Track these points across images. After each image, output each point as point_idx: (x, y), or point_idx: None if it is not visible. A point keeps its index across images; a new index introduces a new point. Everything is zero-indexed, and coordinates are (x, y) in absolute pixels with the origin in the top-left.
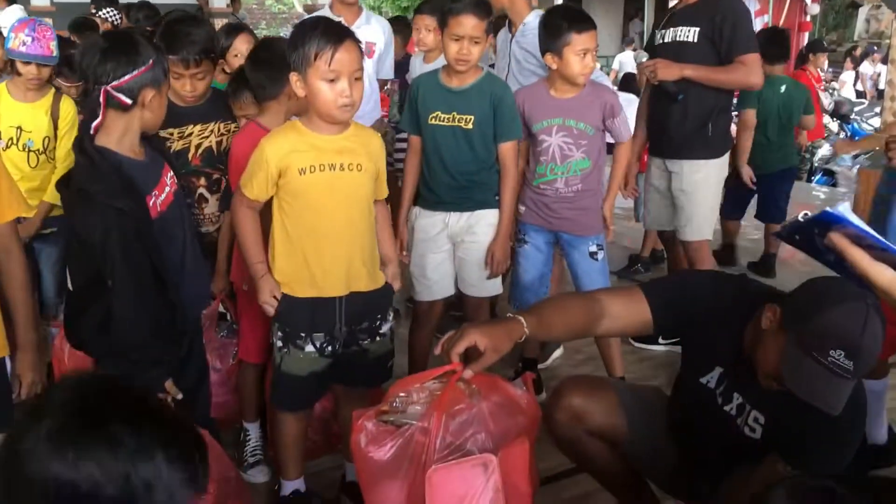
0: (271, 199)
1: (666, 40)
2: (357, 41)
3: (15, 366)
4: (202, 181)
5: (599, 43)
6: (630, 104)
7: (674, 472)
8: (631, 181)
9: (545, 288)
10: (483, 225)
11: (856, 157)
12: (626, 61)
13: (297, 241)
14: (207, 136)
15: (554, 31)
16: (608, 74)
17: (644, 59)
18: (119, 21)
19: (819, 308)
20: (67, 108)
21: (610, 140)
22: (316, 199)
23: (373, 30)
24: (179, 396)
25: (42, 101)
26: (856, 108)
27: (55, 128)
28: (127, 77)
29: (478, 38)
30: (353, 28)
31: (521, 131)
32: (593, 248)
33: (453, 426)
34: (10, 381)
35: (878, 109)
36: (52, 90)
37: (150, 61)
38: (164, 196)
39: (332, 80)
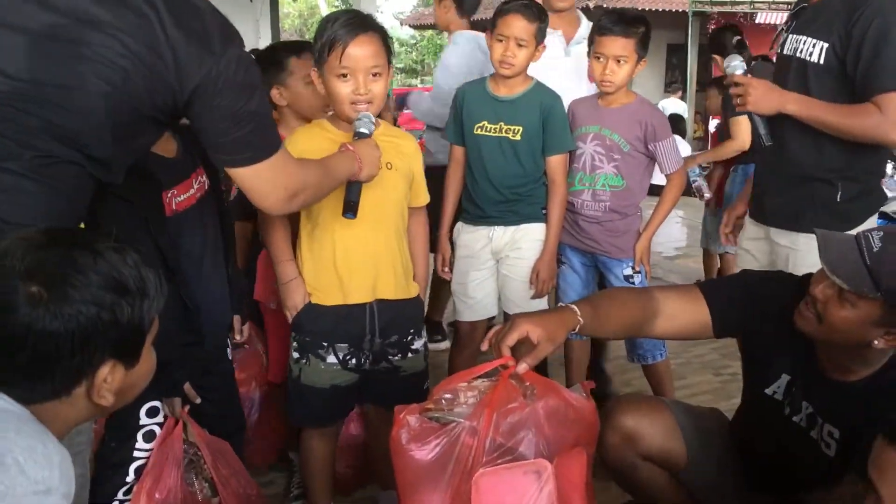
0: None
1: (786, 51)
2: (379, 33)
3: None
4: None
5: (641, 89)
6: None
7: (737, 501)
8: (730, 222)
9: None
10: (529, 240)
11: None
12: (668, 107)
13: (323, 241)
14: None
15: (590, 37)
16: None
17: (738, 64)
18: None
19: None
20: None
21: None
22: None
23: None
24: (198, 401)
25: None
26: None
27: None
28: None
29: (524, 41)
30: (573, 43)
31: (572, 143)
32: (628, 271)
33: (504, 426)
34: None
35: None
36: None
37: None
38: (184, 196)
39: (344, 76)
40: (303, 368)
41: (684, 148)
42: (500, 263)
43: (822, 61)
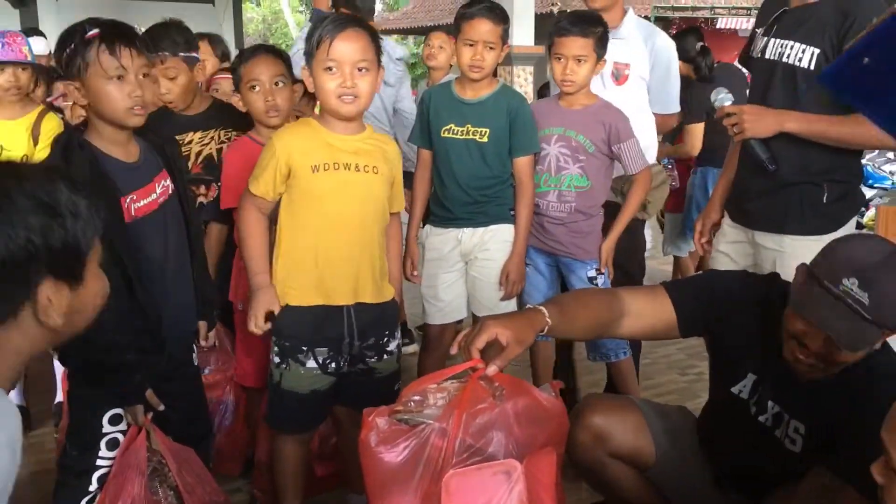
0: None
1: (768, 55)
2: (367, 31)
3: None
4: (201, 189)
5: None
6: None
7: (705, 498)
8: (706, 230)
9: None
10: (497, 241)
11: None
12: None
13: (305, 243)
14: (207, 144)
15: (549, 39)
16: None
17: (724, 97)
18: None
19: (838, 244)
20: (50, 125)
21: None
22: (328, 199)
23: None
24: (161, 408)
25: (23, 118)
26: None
27: (35, 145)
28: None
29: (492, 44)
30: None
31: (538, 145)
32: (591, 273)
33: (474, 427)
34: None
35: None
36: (39, 108)
37: (67, 49)
38: (144, 202)
39: (330, 70)
40: (283, 374)
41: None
42: (469, 265)
43: (812, 67)
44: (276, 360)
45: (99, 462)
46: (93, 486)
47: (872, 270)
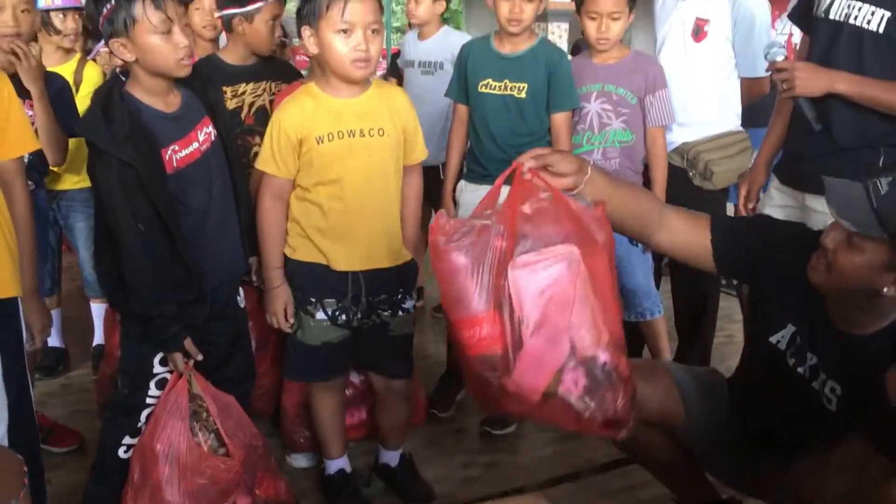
0: None
1: (832, 16)
2: None
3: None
4: (257, 140)
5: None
6: None
7: (737, 460)
8: (753, 194)
9: None
10: None
11: None
12: None
13: (312, 212)
14: (260, 95)
15: None
16: None
17: (777, 51)
18: None
19: None
20: (92, 72)
21: None
22: (335, 170)
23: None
24: (199, 357)
25: (66, 65)
26: None
27: (77, 91)
28: (103, 18)
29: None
30: None
31: (577, 100)
32: None
33: (527, 219)
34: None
35: None
36: (78, 56)
37: (108, 6)
38: (186, 152)
39: (345, 32)
40: (299, 324)
41: None
42: None
43: (881, 30)
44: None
45: (148, 400)
46: (141, 423)
47: None
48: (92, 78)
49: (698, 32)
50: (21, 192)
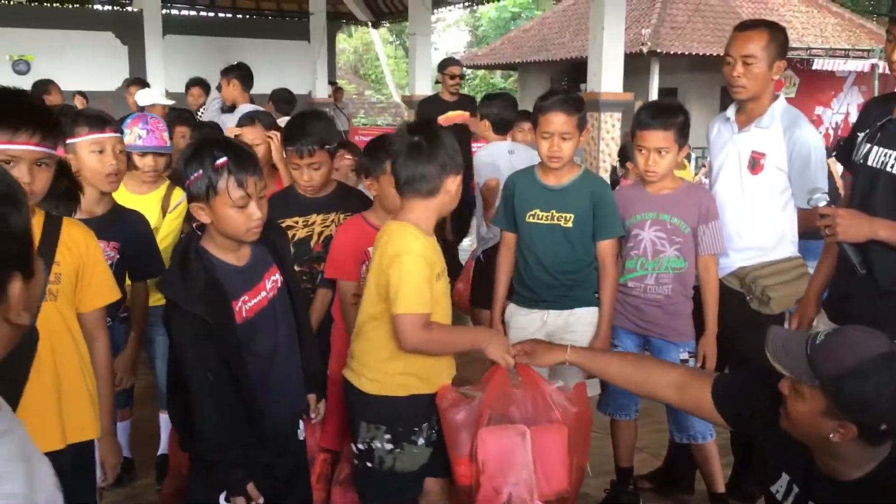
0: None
1: (871, 163)
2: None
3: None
4: (322, 266)
5: (695, 134)
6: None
7: None
8: (804, 327)
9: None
10: (582, 324)
11: None
12: None
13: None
14: (329, 226)
15: (632, 129)
16: (703, 166)
17: (820, 196)
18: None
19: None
20: (179, 194)
21: None
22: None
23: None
24: (261, 501)
25: (155, 193)
26: None
27: (164, 216)
28: (189, 183)
29: (568, 134)
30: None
31: (621, 229)
32: (684, 356)
33: (499, 402)
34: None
35: None
36: (167, 183)
37: (195, 174)
38: (254, 301)
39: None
40: (397, 457)
41: None
42: None
43: None
44: (389, 446)
45: None
46: None
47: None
48: (179, 198)
49: (755, 165)
50: (102, 342)
